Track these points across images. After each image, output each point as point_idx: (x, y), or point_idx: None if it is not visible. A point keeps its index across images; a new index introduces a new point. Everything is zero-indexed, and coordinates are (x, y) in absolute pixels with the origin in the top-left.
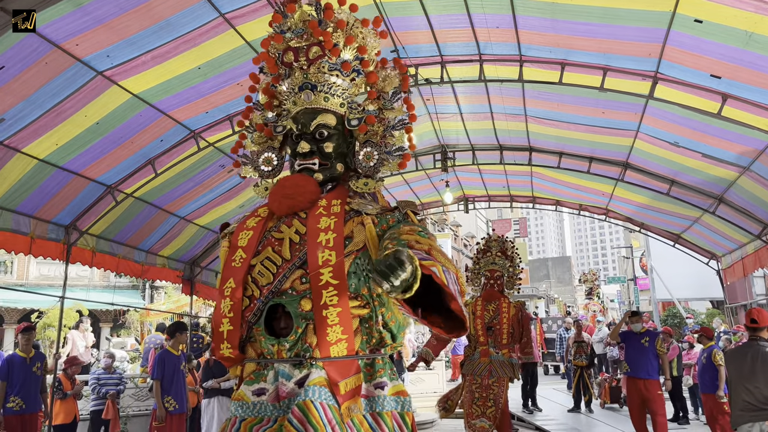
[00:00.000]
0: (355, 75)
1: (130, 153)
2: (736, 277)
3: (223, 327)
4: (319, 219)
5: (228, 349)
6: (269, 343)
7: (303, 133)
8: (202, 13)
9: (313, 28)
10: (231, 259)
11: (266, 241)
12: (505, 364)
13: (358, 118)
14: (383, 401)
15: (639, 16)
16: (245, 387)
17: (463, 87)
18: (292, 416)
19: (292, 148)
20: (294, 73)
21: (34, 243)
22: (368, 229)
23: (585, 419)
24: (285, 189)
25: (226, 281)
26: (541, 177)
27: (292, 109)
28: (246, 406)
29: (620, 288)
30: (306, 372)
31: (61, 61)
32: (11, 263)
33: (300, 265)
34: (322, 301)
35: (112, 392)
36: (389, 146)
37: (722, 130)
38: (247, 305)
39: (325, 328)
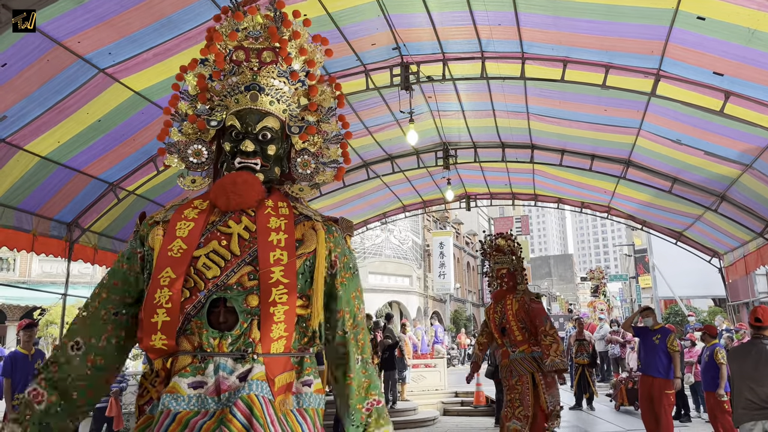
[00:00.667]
0: (299, 85)
1: (132, 150)
2: (738, 274)
3: (157, 317)
4: (268, 218)
5: (162, 340)
6: (211, 337)
7: (247, 132)
8: (203, 11)
9: (272, 34)
10: (167, 248)
11: (210, 234)
12: (526, 360)
13: (299, 126)
14: (309, 398)
15: (641, 13)
16: (179, 379)
17: (465, 84)
18: (236, 409)
19: (231, 144)
20: (241, 72)
21: (37, 240)
22: (320, 235)
23: (586, 417)
24: (236, 185)
25: (161, 270)
26: (543, 174)
27: (233, 107)
28: (181, 398)
29: (622, 286)
30: (248, 366)
31: (62, 59)
32: (14, 260)
33: (249, 261)
34: (270, 299)
35: (115, 389)
36: (325, 157)
37: (725, 128)
38: (187, 297)
39: (270, 325)
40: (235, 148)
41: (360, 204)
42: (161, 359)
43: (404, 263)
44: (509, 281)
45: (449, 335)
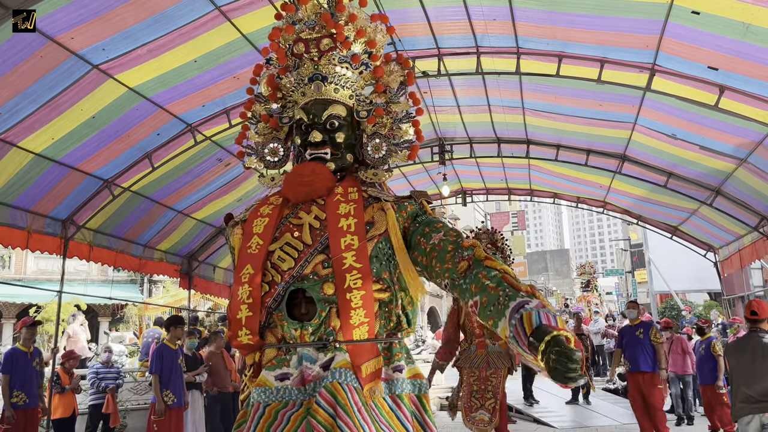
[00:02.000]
0: (363, 68)
1: (127, 147)
2: (734, 268)
3: (241, 314)
4: (338, 205)
5: (247, 335)
6: (292, 328)
7: (314, 123)
8: (197, 6)
9: (327, 21)
10: (246, 246)
11: (284, 227)
12: (503, 355)
13: (366, 110)
14: (402, 384)
15: (636, 7)
16: (267, 372)
17: (461, 80)
18: (320, 398)
19: (301, 137)
20: (303, 64)
21: (31, 237)
22: (389, 215)
23: (582, 411)
24: (303, 176)
25: (242, 268)
26: (539, 170)
27: (300, 100)
28: (269, 391)
29: (618, 280)
30: (330, 355)
31: (56, 55)
32: (9, 258)
33: (321, 250)
34: (345, 285)
35: (111, 386)
36: (397, 138)
37: (719, 122)
38: (267, 291)
39: (349, 312)
40: (305, 141)
41: None
42: (252, 354)
43: None
44: None
45: None
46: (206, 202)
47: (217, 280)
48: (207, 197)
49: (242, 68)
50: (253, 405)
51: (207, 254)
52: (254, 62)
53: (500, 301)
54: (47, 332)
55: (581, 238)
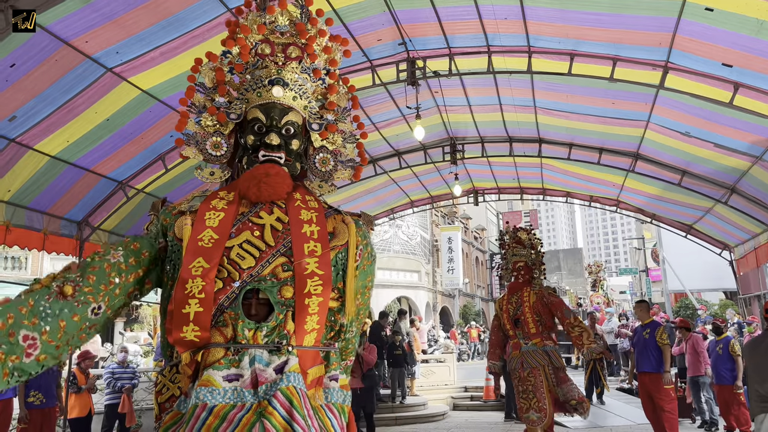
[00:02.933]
0: (320, 83)
1: (141, 149)
2: (749, 267)
3: (189, 308)
4: (299, 211)
5: (194, 332)
6: (246, 328)
7: (271, 126)
8: (209, 9)
9: (301, 30)
10: (197, 238)
11: (242, 224)
12: (538, 353)
13: (318, 123)
14: (336, 393)
15: (649, 5)
16: (213, 372)
17: (472, 79)
18: (276, 402)
19: (255, 137)
20: (265, 66)
21: (47, 239)
22: (351, 229)
23: (596, 411)
24: (269, 177)
25: (192, 260)
26: (551, 169)
27: (255, 100)
28: (217, 392)
29: (632, 279)
30: (284, 359)
31: (70, 58)
32: (25, 259)
33: (283, 252)
34: (306, 290)
35: (127, 386)
36: (342, 156)
37: (734, 120)
38: (220, 287)
39: (305, 317)
40: (258, 141)
41: (367, 200)
42: (188, 353)
43: (413, 259)
44: (525, 274)
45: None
46: None
47: None
48: None
49: None
50: (197, 405)
51: None
52: None
53: None
54: None
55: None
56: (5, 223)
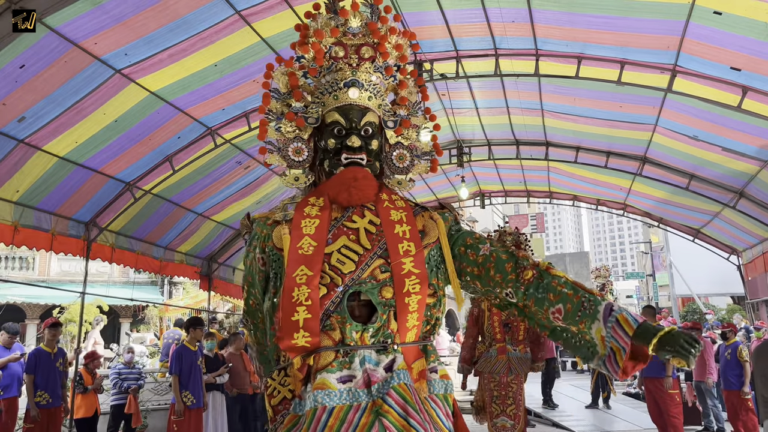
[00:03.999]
0: (391, 80)
1: (148, 150)
2: (758, 272)
3: (298, 316)
4: (389, 211)
5: (305, 338)
6: (354, 330)
7: (352, 128)
8: (218, 11)
9: (373, 30)
10: (297, 247)
11: (337, 230)
12: (523, 360)
13: (393, 121)
14: (437, 384)
15: (657, 8)
16: (327, 375)
17: (479, 82)
18: (390, 399)
19: (336, 141)
20: (340, 69)
21: (55, 239)
22: (440, 225)
23: (603, 415)
24: (357, 181)
25: (295, 268)
26: (558, 172)
27: (332, 104)
28: (333, 394)
29: (639, 283)
30: (392, 357)
31: (79, 60)
32: (33, 259)
33: (380, 254)
34: (405, 289)
35: (133, 387)
36: (418, 150)
37: (742, 123)
38: (324, 293)
39: (406, 315)
40: (339, 144)
41: None
42: (299, 357)
43: None
44: None
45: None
46: (226, 205)
47: (237, 282)
48: (227, 200)
49: (262, 72)
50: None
51: (227, 256)
52: None
53: (585, 306)
54: (70, 333)
55: (601, 240)
56: (14, 223)
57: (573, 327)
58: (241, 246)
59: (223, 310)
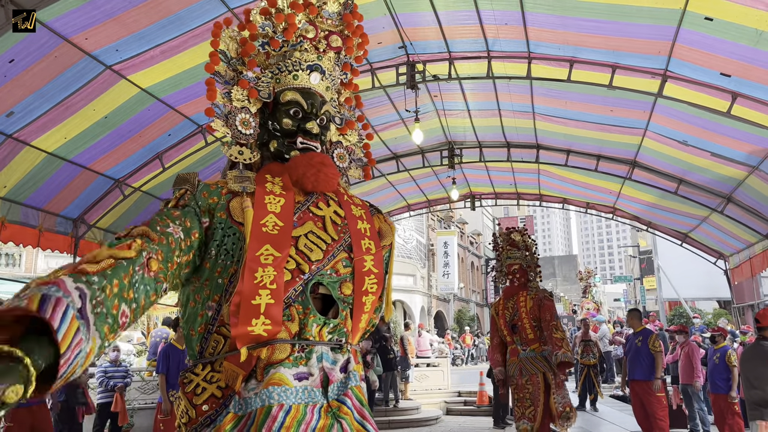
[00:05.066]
0: (344, 77)
1: (138, 147)
2: (744, 277)
3: (260, 299)
4: (350, 206)
5: (264, 325)
6: (315, 323)
7: (311, 113)
8: (210, 8)
9: (348, 22)
10: (261, 224)
11: (303, 214)
12: (537, 359)
13: (340, 118)
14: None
15: (649, 13)
16: (284, 370)
17: (471, 84)
18: (350, 402)
19: (291, 122)
20: (305, 49)
21: (42, 236)
22: (393, 229)
23: (590, 418)
24: (324, 166)
25: (259, 247)
26: (549, 175)
27: (287, 82)
28: (290, 391)
29: (626, 287)
30: (347, 356)
31: (70, 55)
32: (19, 256)
33: (344, 248)
34: (363, 287)
35: (120, 385)
36: (353, 154)
37: (732, 129)
38: (288, 279)
39: (361, 315)
40: (295, 127)
41: None
42: (245, 349)
43: (408, 262)
44: (521, 277)
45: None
46: None
47: None
48: None
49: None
50: (270, 406)
51: None
52: None
53: None
54: None
55: (590, 244)
56: (0, 219)
57: None
58: None
59: None
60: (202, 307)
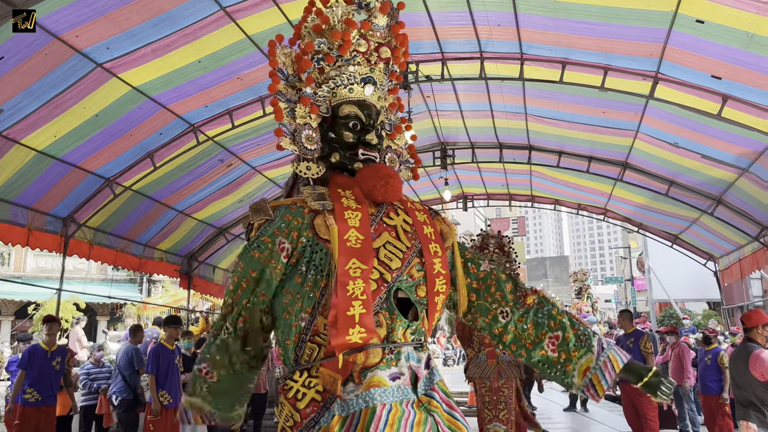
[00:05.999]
0: (390, 85)
1: (129, 146)
2: (734, 278)
3: (353, 311)
4: (414, 212)
5: (360, 334)
6: (401, 327)
7: (369, 124)
8: (202, 7)
9: (396, 33)
10: (345, 239)
11: (378, 225)
12: (512, 364)
13: (390, 125)
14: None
15: (640, 15)
16: (381, 372)
17: (464, 84)
18: (437, 396)
19: (351, 135)
20: (358, 63)
21: (32, 235)
22: (453, 230)
23: (580, 418)
24: (391, 178)
25: (347, 261)
26: (541, 176)
27: (344, 95)
28: (388, 391)
29: (617, 288)
30: (427, 354)
31: (61, 53)
32: (8, 255)
33: (416, 254)
34: (435, 289)
35: (103, 386)
36: (403, 157)
37: (722, 131)
38: (374, 289)
39: (434, 314)
40: (356, 139)
41: None
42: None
43: None
44: None
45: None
46: (207, 203)
47: (217, 281)
48: (208, 198)
49: (246, 69)
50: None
51: (207, 254)
52: (258, 64)
53: (582, 339)
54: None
55: (581, 245)
56: None
57: (563, 354)
58: (222, 244)
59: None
60: (295, 318)
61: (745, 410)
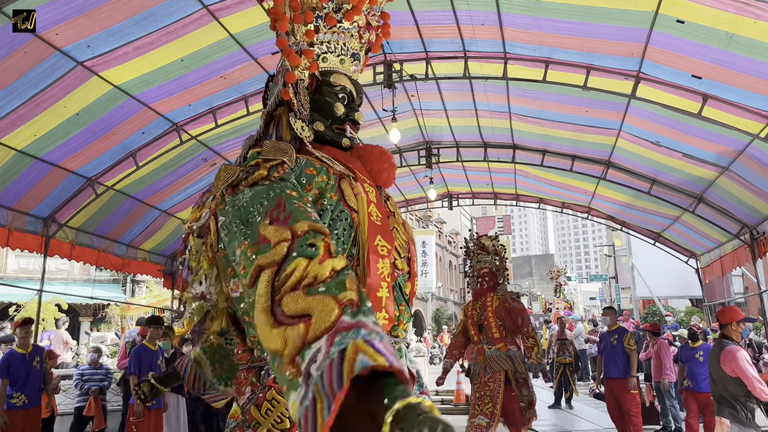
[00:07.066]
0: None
1: (111, 145)
2: (715, 275)
3: (382, 292)
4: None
5: (384, 320)
6: (404, 321)
7: (358, 103)
8: (185, 5)
9: (385, 18)
10: (369, 212)
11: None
12: (501, 358)
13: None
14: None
15: (622, 15)
16: None
17: (448, 83)
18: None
19: (343, 108)
20: (351, 36)
21: (12, 235)
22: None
23: (565, 415)
24: (393, 166)
25: (375, 237)
26: (525, 175)
27: (335, 65)
28: None
29: (602, 286)
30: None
31: (40, 51)
32: None
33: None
34: (415, 287)
35: (94, 388)
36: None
37: (702, 130)
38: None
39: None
40: (345, 115)
41: None
42: None
43: None
44: (490, 280)
45: (431, 333)
46: (191, 202)
47: None
48: (192, 197)
49: (229, 68)
50: None
51: None
52: (241, 62)
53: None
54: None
55: (566, 243)
56: None
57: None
58: None
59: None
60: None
61: (720, 406)
